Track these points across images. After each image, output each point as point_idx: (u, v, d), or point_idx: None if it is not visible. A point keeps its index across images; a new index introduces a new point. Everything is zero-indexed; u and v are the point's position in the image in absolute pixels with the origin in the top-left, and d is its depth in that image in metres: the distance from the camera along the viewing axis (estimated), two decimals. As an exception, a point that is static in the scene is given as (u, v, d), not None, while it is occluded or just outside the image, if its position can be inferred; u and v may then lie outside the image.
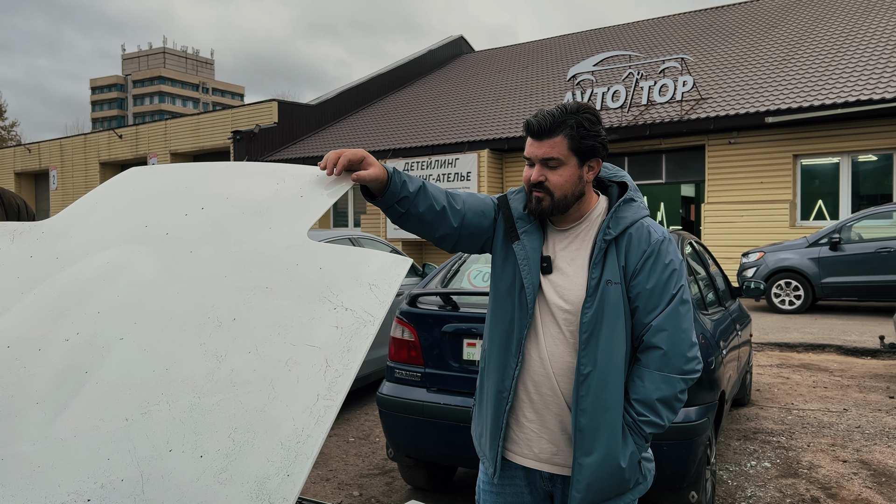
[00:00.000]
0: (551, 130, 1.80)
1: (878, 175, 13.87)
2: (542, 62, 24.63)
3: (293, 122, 24.03)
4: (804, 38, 17.79)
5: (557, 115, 1.80)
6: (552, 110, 1.82)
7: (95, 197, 1.95)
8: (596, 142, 1.83)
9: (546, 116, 1.81)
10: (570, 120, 1.80)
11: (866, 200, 13.77)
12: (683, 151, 15.59)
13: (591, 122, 1.82)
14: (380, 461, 4.78)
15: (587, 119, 1.82)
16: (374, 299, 1.39)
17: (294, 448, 1.18)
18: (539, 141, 1.83)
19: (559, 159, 1.81)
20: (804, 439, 5.06)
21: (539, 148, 1.83)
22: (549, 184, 1.83)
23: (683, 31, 22.49)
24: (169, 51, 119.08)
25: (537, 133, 1.83)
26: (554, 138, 1.81)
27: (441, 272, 4.16)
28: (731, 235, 14.26)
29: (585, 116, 1.81)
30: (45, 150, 30.33)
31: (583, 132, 1.81)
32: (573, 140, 1.80)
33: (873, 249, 10.57)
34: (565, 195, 1.84)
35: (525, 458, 1.94)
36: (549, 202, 1.85)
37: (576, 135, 1.80)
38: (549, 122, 1.80)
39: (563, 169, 1.82)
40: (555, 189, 1.83)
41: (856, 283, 10.74)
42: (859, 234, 10.97)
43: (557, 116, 1.80)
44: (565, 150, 1.81)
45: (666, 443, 3.13)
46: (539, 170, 1.84)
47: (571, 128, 1.80)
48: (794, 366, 7.71)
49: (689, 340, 1.84)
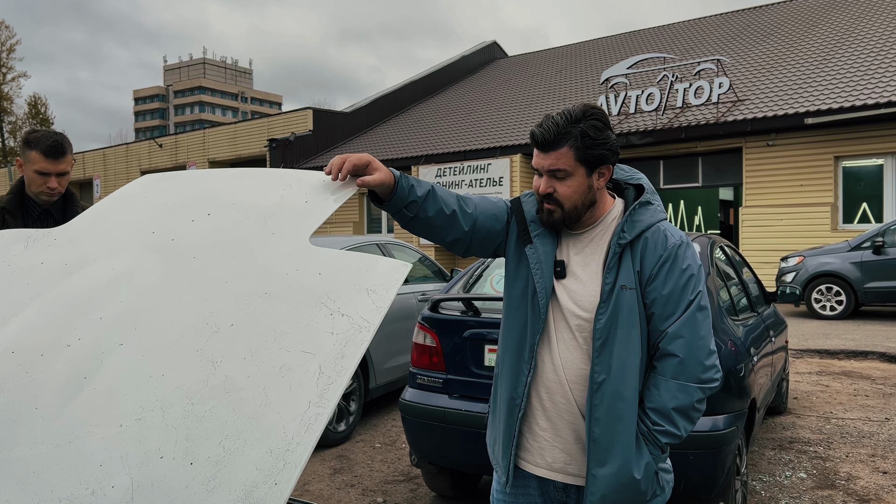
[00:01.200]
0: (556, 142, 1.75)
1: (924, 176, 13.43)
2: (576, 66, 24.48)
3: (328, 130, 24.27)
4: (845, 37, 17.35)
5: (562, 124, 1.74)
6: (556, 119, 1.75)
7: (107, 204, 1.97)
8: (603, 149, 1.76)
9: (550, 127, 1.75)
10: (575, 130, 1.73)
11: (913, 203, 13.35)
12: (720, 154, 15.31)
13: (596, 130, 1.75)
14: (405, 467, 4.76)
15: (592, 127, 1.74)
16: (371, 305, 1.37)
17: (283, 456, 1.16)
18: (545, 153, 1.78)
19: (566, 171, 1.76)
20: (843, 449, 4.90)
21: (545, 159, 1.78)
22: (557, 195, 1.79)
23: (719, 33, 22.13)
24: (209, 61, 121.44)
25: (542, 145, 1.78)
26: (559, 150, 1.75)
27: (463, 277, 4.13)
28: (770, 239, 13.95)
29: (591, 123, 1.74)
30: (88, 159, 31.15)
31: (588, 142, 1.74)
32: (579, 151, 1.74)
33: (919, 253, 10.23)
34: (575, 206, 1.80)
35: (538, 468, 1.89)
36: (560, 214, 1.81)
37: (581, 145, 1.74)
38: (553, 132, 1.74)
39: (570, 180, 1.77)
40: (564, 200, 1.79)
41: (900, 288, 10.40)
42: (904, 238, 10.64)
43: (562, 126, 1.74)
44: (572, 161, 1.75)
45: (692, 452, 3.05)
46: (547, 181, 1.79)
47: (576, 138, 1.73)
48: (835, 373, 7.48)
49: (707, 348, 1.77)
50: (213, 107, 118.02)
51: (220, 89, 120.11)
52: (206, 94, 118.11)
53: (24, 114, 54.23)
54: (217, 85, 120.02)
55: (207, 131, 27.27)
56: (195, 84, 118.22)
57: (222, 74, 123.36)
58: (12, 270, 1.78)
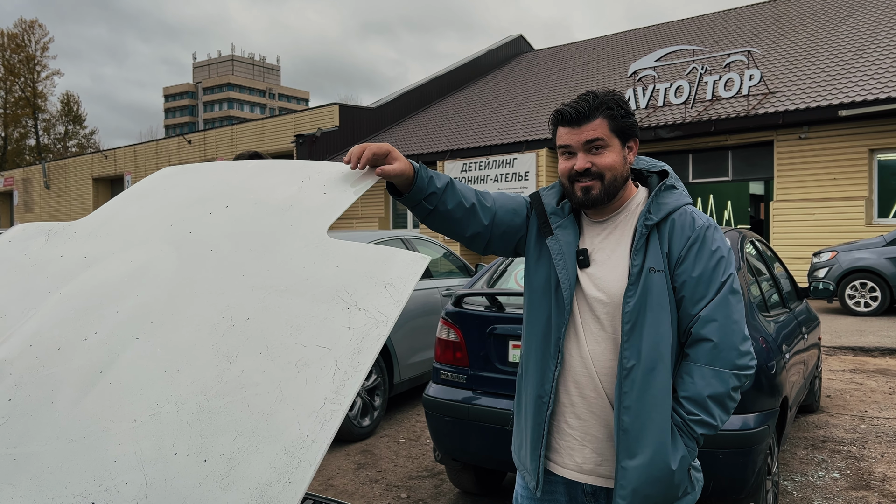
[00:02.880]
0: (590, 114, 1.74)
1: (962, 169, 13.07)
2: (603, 59, 24.22)
3: (354, 125, 24.33)
4: (880, 27, 16.92)
5: (591, 99, 1.75)
6: (583, 96, 1.77)
7: (127, 196, 1.97)
8: (633, 120, 1.79)
9: (581, 101, 1.76)
10: (606, 101, 1.75)
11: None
12: (751, 148, 15.03)
13: (624, 103, 1.79)
14: (429, 463, 4.73)
15: (621, 100, 1.78)
16: (388, 299, 1.34)
17: (297, 454, 1.13)
18: (578, 127, 1.75)
19: (604, 139, 1.74)
20: (878, 449, 4.76)
21: (579, 133, 1.75)
22: (596, 167, 1.74)
23: (750, 24, 21.73)
24: (237, 58, 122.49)
25: (575, 119, 1.75)
26: (594, 121, 1.74)
27: (487, 272, 4.08)
28: (801, 234, 13.67)
29: (617, 97, 1.78)
30: (119, 156, 31.61)
31: (621, 111, 1.76)
32: (614, 119, 1.75)
33: (957, 248, 9.95)
34: (615, 177, 1.76)
35: (567, 469, 1.81)
36: (599, 188, 1.75)
37: (616, 114, 1.75)
38: (587, 105, 1.74)
39: (608, 151, 1.75)
40: (605, 170, 1.74)
41: (938, 284, 10.13)
42: (942, 232, 10.35)
43: (592, 101, 1.75)
44: (608, 131, 1.74)
45: (722, 451, 2.98)
46: (583, 157, 1.75)
47: (610, 108, 1.74)
48: (870, 371, 7.30)
49: (742, 333, 1.70)
50: (242, 103, 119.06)
51: (248, 86, 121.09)
52: (235, 90, 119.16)
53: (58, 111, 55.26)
54: (245, 82, 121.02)
55: (235, 128, 27.51)
56: (224, 81, 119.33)
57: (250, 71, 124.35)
58: (33, 263, 1.78)
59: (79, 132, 56.29)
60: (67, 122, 55.56)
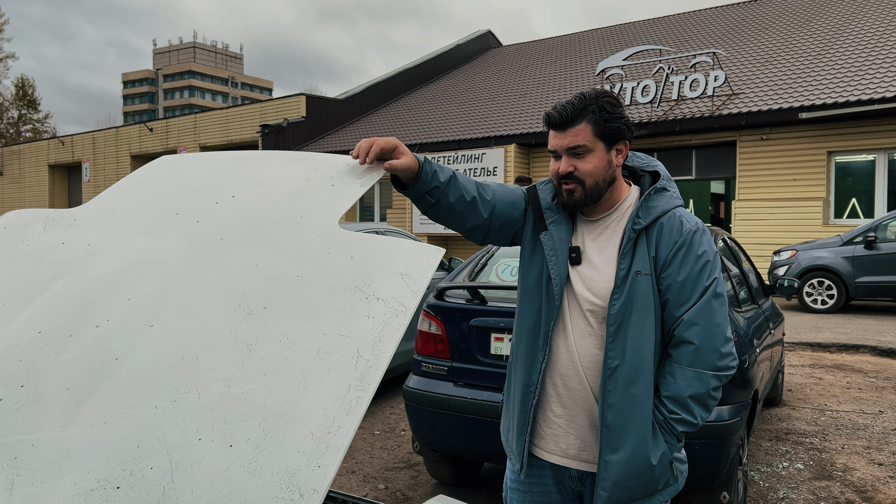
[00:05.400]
0: (574, 119, 1.77)
1: (915, 173, 13.54)
2: (571, 57, 24.43)
3: (320, 116, 24.13)
4: (840, 33, 17.41)
5: (577, 103, 1.77)
6: (571, 99, 1.79)
7: (127, 185, 1.95)
8: (620, 123, 1.79)
9: (566, 106, 1.78)
10: (591, 105, 1.76)
11: (903, 199, 13.46)
12: (714, 147, 15.35)
13: (612, 105, 1.79)
14: (405, 455, 4.77)
15: (608, 103, 1.78)
16: (406, 289, 1.36)
17: (324, 439, 1.15)
18: (562, 131, 1.78)
19: (586, 146, 1.77)
20: (838, 441, 4.95)
21: (563, 138, 1.78)
22: (578, 173, 1.78)
23: (715, 26, 22.14)
24: (199, 45, 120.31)
25: (559, 123, 1.78)
26: (577, 126, 1.76)
27: (468, 266, 4.12)
28: (762, 233, 14.02)
29: (606, 101, 1.78)
30: (77, 142, 30.82)
31: (606, 115, 1.77)
32: (597, 125, 1.76)
33: (910, 249, 10.32)
34: (597, 182, 1.80)
35: (552, 455, 1.89)
36: (581, 192, 1.80)
37: (599, 119, 1.76)
38: (570, 110, 1.76)
39: (591, 156, 1.78)
40: (585, 177, 1.78)
41: (891, 283, 10.49)
42: (895, 233, 10.72)
43: (577, 104, 1.77)
44: (591, 136, 1.77)
45: (698, 442, 3.07)
46: (567, 160, 1.79)
47: (594, 113, 1.76)
48: (827, 366, 7.55)
49: (724, 335, 1.77)
50: (204, 91, 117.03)
51: (210, 74, 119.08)
52: (196, 78, 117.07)
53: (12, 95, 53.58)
54: (207, 69, 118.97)
55: (199, 116, 27.04)
56: (185, 68, 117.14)
57: (212, 59, 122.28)
58: (33, 250, 1.76)
59: (32, 117, 54.68)
60: (21, 106, 53.92)
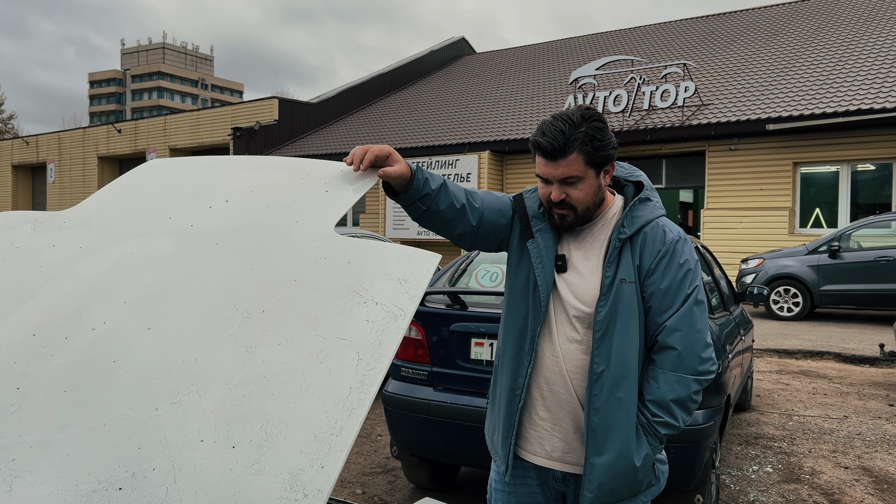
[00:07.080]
0: (565, 149, 1.76)
1: (876, 184, 13.93)
2: (544, 65, 24.66)
3: (293, 120, 24.03)
4: (805, 47, 17.84)
5: (567, 131, 1.75)
6: (559, 126, 1.76)
7: (117, 188, 1.95)
8: (609, 150, 1.81)
9: (557, 136, 1.75)
10: (581, 134, 1.76)
11: (864, 209, 13.83)
12: (684, 157, 15.62)
13: (600, 131, 1.78)
14: (382, 459, 4.77)
15: (596, 128, 1.77)
16: (404, 294, 1.39)
17: (327, 440, 1.17)
18: (554, 161, 1.79)
19: (578, 176, 1.79)
20: (805, 445, 5.08)
21: (555, 168, 1.79)
22: (571, 200, 1.82)
23: (686, 37, 22.53)
24: (168, 46, 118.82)
25: (551, 154, 1.78)
26: (569, 157, 1.77)
27: (448, 271, 4.16)
28: (730, 241, 14.29)
29: (594, 125, 1.77)
30: (42, 142, 30.24)
31: (596, 144, 1.77)
32: (588, 155, 1.77)
33: (872, 258, 10.61)
34: (588, 207, 1.85)
35: (537, 457, 1.94)
36: (573, 217, 1.85)
37: (590, 149, 1.77)
38: (561, 141, 1.75)
39: (582, 184, 1.81)
40: (578, 204, 1.83)
41: (854, 292, 10.78)
42: (858, 243, 11.02)
43: (567, 134, 1.75)
44: (582, 167, 1.79)
45: (673, 445, 3.13)
46: (559, 188, 1.81)
47: (584, 143, 1.76)
48: (794, 372, 7.73)
49: (704, 341, 1.84)
50: (173, 93, 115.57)
51: (179, 75, 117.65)
52: (166, 79, 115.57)
53: (-25, 93, 52.29)
54: (177, 71, 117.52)
55: (169, 118, 26.72)
56: (154, 69, 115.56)
57: (182, 60, 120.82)
58: (22, 253, 1.75)
59: (-5, 116, 53.50)
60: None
